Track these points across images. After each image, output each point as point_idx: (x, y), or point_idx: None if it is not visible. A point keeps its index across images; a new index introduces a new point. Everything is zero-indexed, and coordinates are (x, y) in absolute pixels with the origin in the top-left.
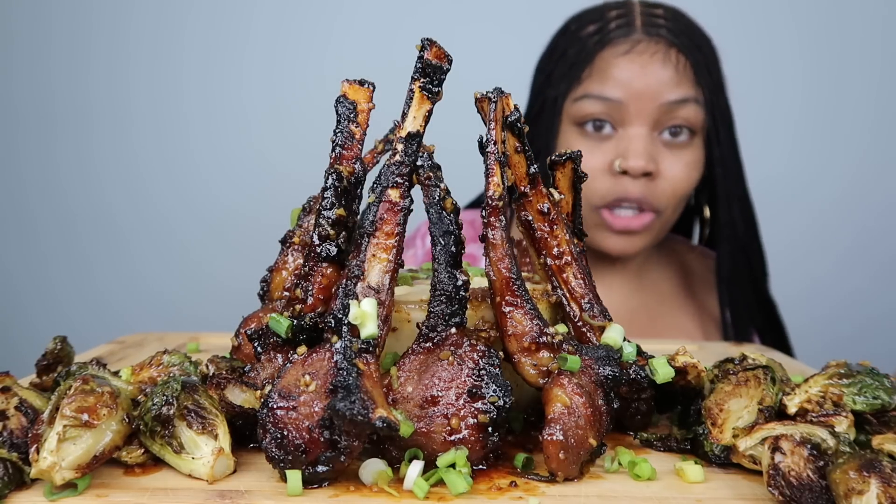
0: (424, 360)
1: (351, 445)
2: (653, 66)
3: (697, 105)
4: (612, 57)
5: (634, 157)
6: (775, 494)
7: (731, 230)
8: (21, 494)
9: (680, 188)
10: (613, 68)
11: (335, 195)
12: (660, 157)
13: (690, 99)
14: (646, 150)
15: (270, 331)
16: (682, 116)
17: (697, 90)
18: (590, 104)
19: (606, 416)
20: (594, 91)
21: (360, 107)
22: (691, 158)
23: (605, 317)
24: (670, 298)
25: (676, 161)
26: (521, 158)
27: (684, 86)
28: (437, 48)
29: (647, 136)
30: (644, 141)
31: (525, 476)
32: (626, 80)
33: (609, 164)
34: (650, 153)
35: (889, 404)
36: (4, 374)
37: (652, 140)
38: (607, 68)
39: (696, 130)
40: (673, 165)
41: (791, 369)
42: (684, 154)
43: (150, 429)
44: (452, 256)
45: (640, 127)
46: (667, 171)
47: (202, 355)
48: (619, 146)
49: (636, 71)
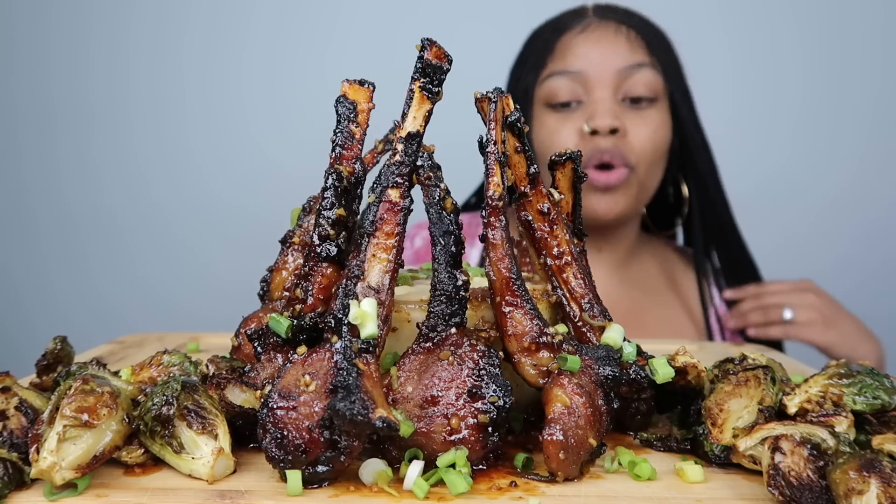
0: (424, 360)
1: (351, 445)
2: (606, 38)
3: (654, 70)
4: (570, 38)
5: (601, 116)
6: (775, 494)
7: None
8: (21, 494)
9: (649, 145)
10: (572, 47)
11: (335, 195)
12: (625, 117)
13: (646, 64)
14: (610, 109)
15: (270, 331)
16: (640, 82)
17: (651, 57)
18: (555, 81)
19: (606, 416)
20: (557, 68)
21: (360, 107)
22: (656, 118)
23: (605, 317)
24: (653, 293)
25: (641, 121)
26: (521, 158)
27: (638, 53)
28: (437, 48)
29: (610, 99)
30: (608, 102)
31: (525, 476)
32: (583, 53)
33: (580, 130)
34: (615, 112)
35: (889, 404)
36: (4, 374)
37: (616, 103)
38: (566, 48)
39: (657, 97)
40: (638, 125)
41: (791, 369)
42: (648, 114)
43: (150, 429)
44: (452, 256)
45: (603, 91)
46: (633, 129)
47: (202, 355)
48: (586, 112)
49: (591, 45)
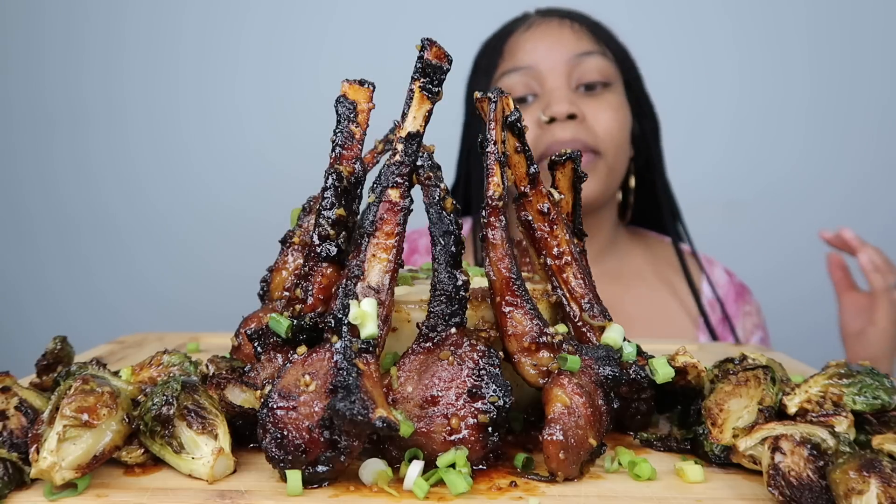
0: (424, 360)
1: (351, 445)
2: (550, 32)
3: (604, 57)
4: (517, 38)
5: (556, 103)
6: (775, 494)
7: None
8: (21, 494)
9: (613, 125)
10: (520, 44)
11: (335, 195)
12: (581, 103)
13: (595, 52)
14: (565, 96)
15: (270, 331)
16: (591, 68)
17: (599, 45)
18: (509, 78)
19: (606, 416)
20: (508, 67)
21: (360, 107)
22: (613, 101)
23: (605, 317)
24: (634, 285)
25: (599, 105)
26: (521, 158)
27: (584, 41)
28: (437, 48)
29: (564, 87)
30: (563, 90)
31: (525, 476)
32: (531, 48)
33: (537, 121)
34: (570, 98)
35: (889, 404)
36: (4, 374)
37: (571, 90)
38: (515, 47)
39: (610, 81)
40: (596, 110)
41: (791, 369)
42: (605, 98)
43: (150, 429)
44: (452, 256)
45: (555, 80)
46: (592, 114)
47: (202, 355)
48: (542, 103)
49: (537, 40)
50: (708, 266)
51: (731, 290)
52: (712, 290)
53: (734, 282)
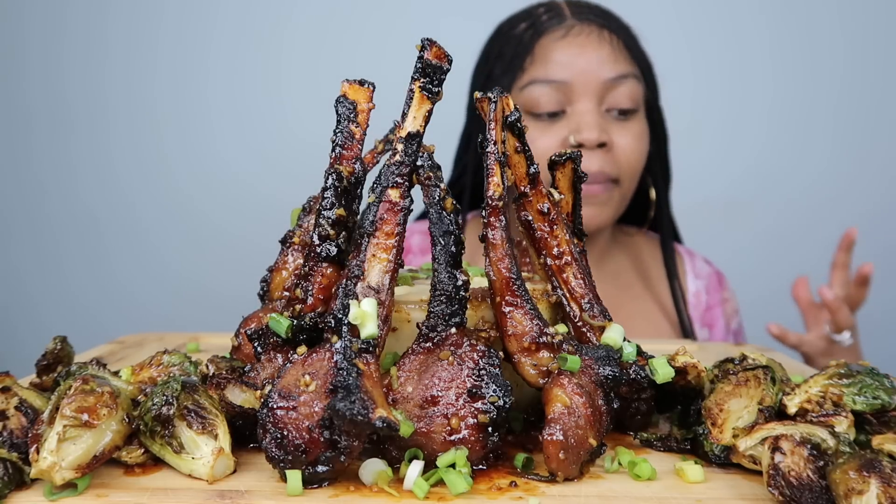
0: (424, 360)
1: (351, 445)
2: (590, 45)
3: (636, 80)
4: (550, 42)
5: (588, 130)
6: (775, 494)
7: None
8: (21, 494)
9: (633, 157)
10: (553, 52)
11: (335, 195)
12: (609, 129)
13: (630, 75)
14: (597, 122)
15: (270, 331)
16: (625, 94)
17: (634, 66)
18: (537, 89)
19: (606, 416)
20: (539, 76)
21: (360, 107)
22: (638, 129)
23: (605, 317)
24: (628, 288)
25: (626, 132)
26: (521, 158)
27: (622, 62)
28: (437, 48)
29: (595, 111)
30: (594, 115)
31: (525, 476)
32: (567, 61)
33: (563, 141)
34: (601, 126)
35: (889, 404)
36: (4, 374)
37: (600, 114)
38: (547, 54)
39: (637, 107)
40: (624, 137)
41: (791, 369)
42: (631, 125)
43: (150, 429)
44: (452, 256)
45: (588, 102)
46: (619, 141)
47: (202, 355)
48: (570, 123)
49: (575, 52)
50: (690, 259)
51: (713, 278)
52: (696, 282)
53: (713, 270)
